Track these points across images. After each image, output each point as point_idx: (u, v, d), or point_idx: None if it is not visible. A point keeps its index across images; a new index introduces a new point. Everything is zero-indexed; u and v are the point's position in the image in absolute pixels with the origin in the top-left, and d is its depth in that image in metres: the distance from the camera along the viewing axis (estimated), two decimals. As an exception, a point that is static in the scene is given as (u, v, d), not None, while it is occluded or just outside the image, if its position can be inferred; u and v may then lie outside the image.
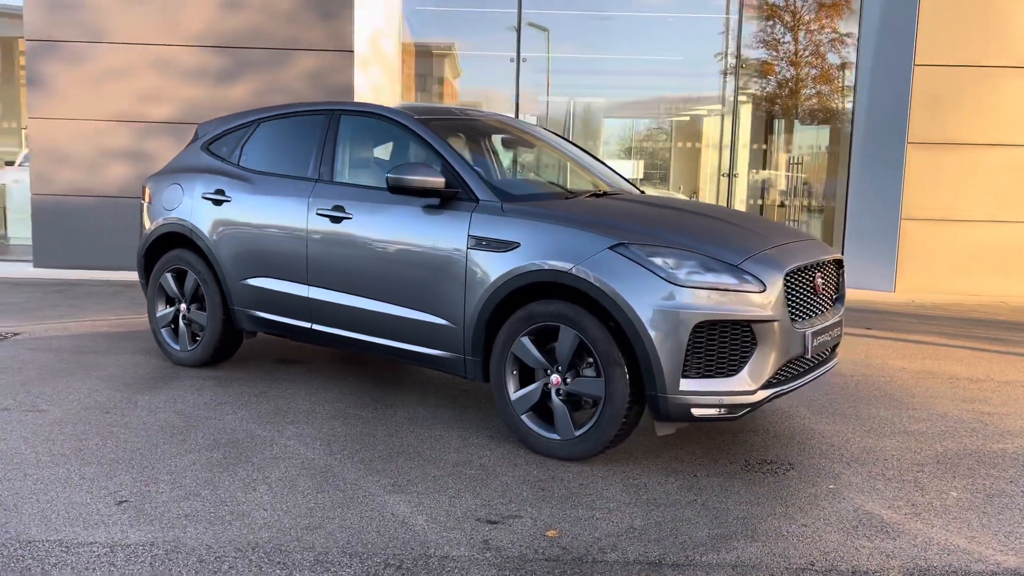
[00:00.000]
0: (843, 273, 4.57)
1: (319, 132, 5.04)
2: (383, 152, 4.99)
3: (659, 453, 4.14)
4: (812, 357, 4.05)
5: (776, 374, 3.84)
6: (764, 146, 13.30)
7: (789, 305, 3.87)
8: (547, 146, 5.53)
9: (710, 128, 13.40)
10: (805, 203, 13.06)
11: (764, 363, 3.77)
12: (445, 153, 4.48)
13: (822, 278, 4.20)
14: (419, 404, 4.83)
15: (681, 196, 11.91)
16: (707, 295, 3.71)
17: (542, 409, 4.07)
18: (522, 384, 4.12)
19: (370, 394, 5.02)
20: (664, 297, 3.70)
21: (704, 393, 3.73)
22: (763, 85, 13.53)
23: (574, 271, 3.86)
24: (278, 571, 2.89)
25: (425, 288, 4.38)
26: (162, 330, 5.66)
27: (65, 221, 9.92)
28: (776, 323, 3.78)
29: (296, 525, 3.23)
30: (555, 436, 4.00)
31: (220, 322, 5.32)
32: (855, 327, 7.51)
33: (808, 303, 4.05)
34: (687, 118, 14.51)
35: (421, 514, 3.37)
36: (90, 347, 6.07)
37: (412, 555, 3.02)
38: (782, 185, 13.31)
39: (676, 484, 3.76)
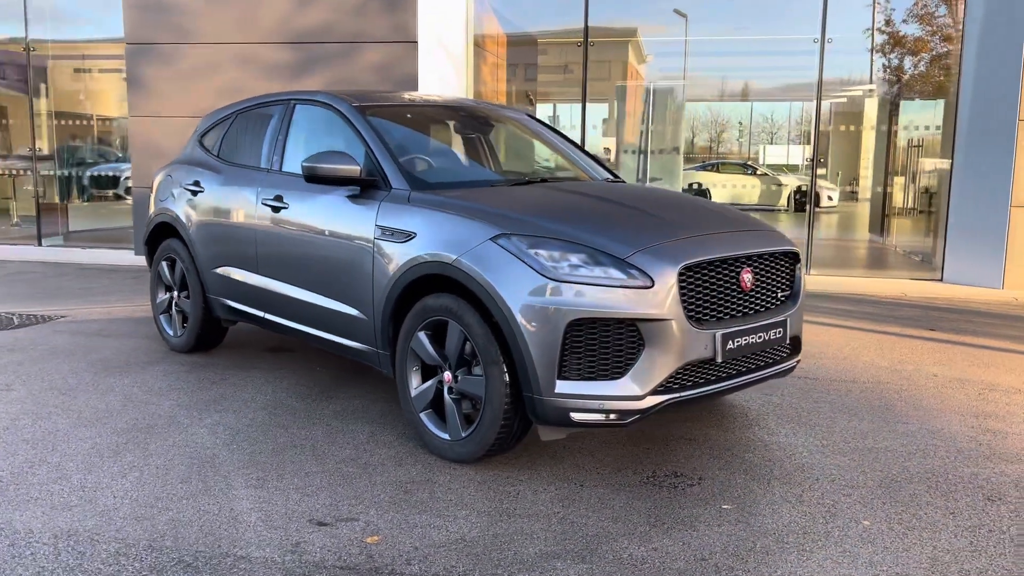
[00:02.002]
0: (798, 267, 4.07)
1: (276, 122, 5.06)
2: (328, 140, 4.92)
3: (564, 459, 3.85)
4: (728, 362, 3.63)
5: (671, 379, 3.46)
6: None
7: (689, 303, 3.48)
8: (517, 134, 5.28)
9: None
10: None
11: (653, 367, 3.41)
12: (369, 140, 4.36)
13: (754, 274, 3.74)
14: (361, 398, 4.75)
15: (658, 185, 11.08)
16: (586, 290, 3.39)
17: (440, 408, 3.88)
18: (424, 381, 3.95)
19: (322, 385, 4.99)
20: (538, 292, 3.42)
21: (584, 397, 3.42)
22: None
23: (455, 263, 3.65)
24: (72, 560, 2.89)
25: (342, 278, 4.30)
26: (160, 316, 5.89)
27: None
28: (668, 323, 3.41)
29: (129, 515, 3.24)
30: (446, 436, 3.81)
31: (201, 310, 5.46)
32: (915, 327, 6.75)
33: (722, 301, 3.62)
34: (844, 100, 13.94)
35: (258, 512, 3.29)
36: (112, 331, 6.40)
37: (212, 554, 2.95)
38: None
39: (552, 495, 3.47)
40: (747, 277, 3.71)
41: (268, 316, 4.92)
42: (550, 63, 14.31)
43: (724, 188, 21.19)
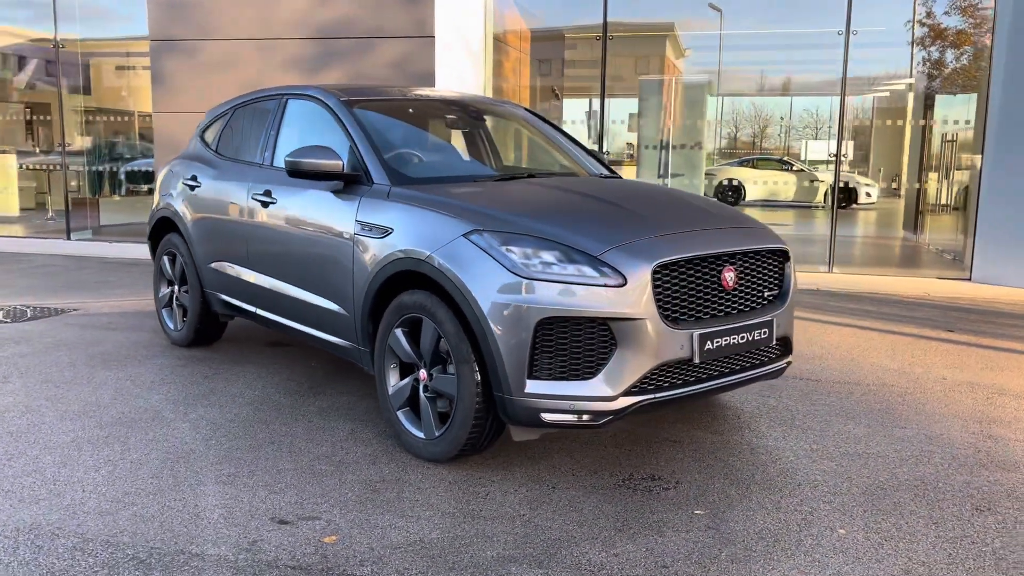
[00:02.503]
0: (788, 266, 3.94)
1: (269, 117, 5.04)
2: (318, 135, 4.88)
3: (541, 460, 3.78)
4: (707, 363, 3.52)
5: (646, 380, 3.37)
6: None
7: (664, 302, 3.38)
8: (511, 129, 5.21)
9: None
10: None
11: (626, 367, 3.32)
12: (353, 134, 4.32)
13: (737, 272, 3.63)
14: (348, 394, 4.72)
15: (680, 182, 10.85)
16: (557, 289, 3.31)
17: (417, 406, 3.83)
18: (402, 379, 3.90)
19: (313, 381, 4.97)
20: (508, 289, 3.35)
21: (555, 397, 3.34)
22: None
23: (428, 259, 3.59)
24: (29, 554, 2.89)
25: (325, 274, 4.27)
26: (162, 310, 5.92)
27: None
28: (642, 322, 3.31)
29: (94, 510, 3.24)
30: (421, 435, 3.75)
31: (199, 304, 5.47)
32: (933, 328, 6.54)
33: (700, 300, 3.51)
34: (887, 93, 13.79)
35: (222, 508, 3.26)
36: (120, 324, 6.46)
37: (167, 550, 2.93)
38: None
39: (522, 496, 3.40)
40: (729, 276, 3.59)
41: (259, 312, 4.92)
42: (578, 57, 14.22)
43: (757, 185, 20.88)
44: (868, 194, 19.78)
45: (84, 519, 3.16)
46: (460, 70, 9.98)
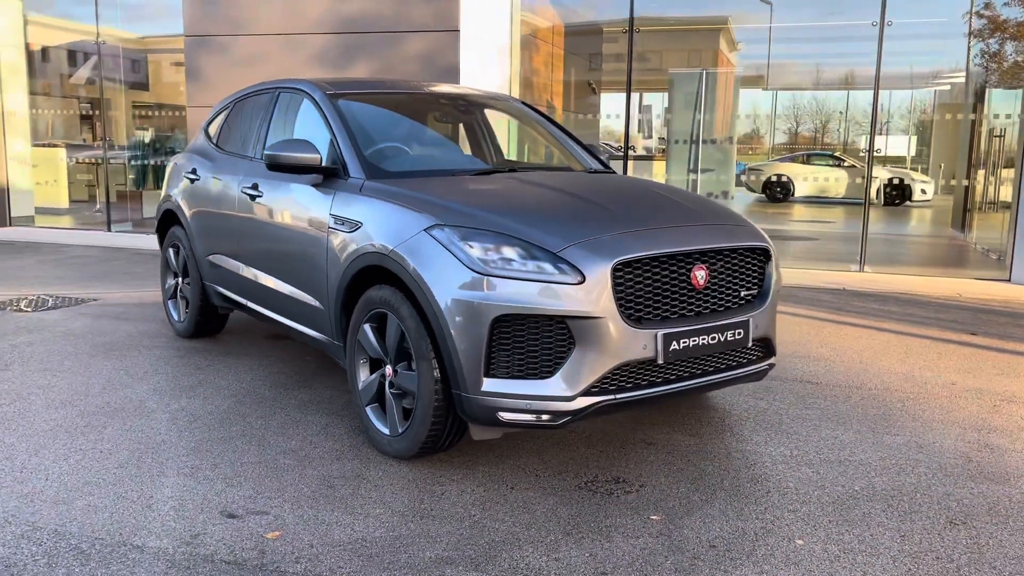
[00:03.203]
0: (769, 265, 3.80)
1: (262, 111, 5.06)
2: (304, 128, 4.87)
3: (507, 459, 3.71)
4: (673, 364, 3.41)
5: (607, 380, 3.28)
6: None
7: (625, 300, 3.29)
8: (503, 122, 5.13)
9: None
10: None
11: (584, 367, 3.24)
12: (334, 127, 4.30)
13: (709, 271, 3.51)
14: (334, 388, 4.70)
15: (710, 177, 10.55)
16: (514, 285, 3.24)
17: (384, 402, 3.79)
18: (371, 374, 3.87)
19: (303, 374, 4.98)
20: (465, 285, 3.29)
21: (512, 396, 3.27)
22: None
23: (391, 253, 3.55)
24: (-24, 541, 2.94)
25: (304, 267, 4.27)
26: (168, 302, 6.00)
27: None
28: (601, 321, 3.23)
29: (51, 498, 3.27)
30: (386, 431, 3.72)
31: (199, 297, 5.53)
32: (955, 331, 6.28)
33: (666, 299, 3.40)
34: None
35: (176, 501, 3.27)
36: (133, 315, 6.56)
37: (109, 542, 2.94)
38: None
39: (478, 496, 3.34)
40: (699, 274, 3.48)
41: (250, 305, 4.94)
42: (620, 51, 14.07)
43: (807, 181, 20.38)
44: (923, 191, 19.19)
45: (39, 507, 3.19)
46: (485, 64, 9.92)
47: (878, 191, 19.52)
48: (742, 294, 3.68)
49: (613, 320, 3.24)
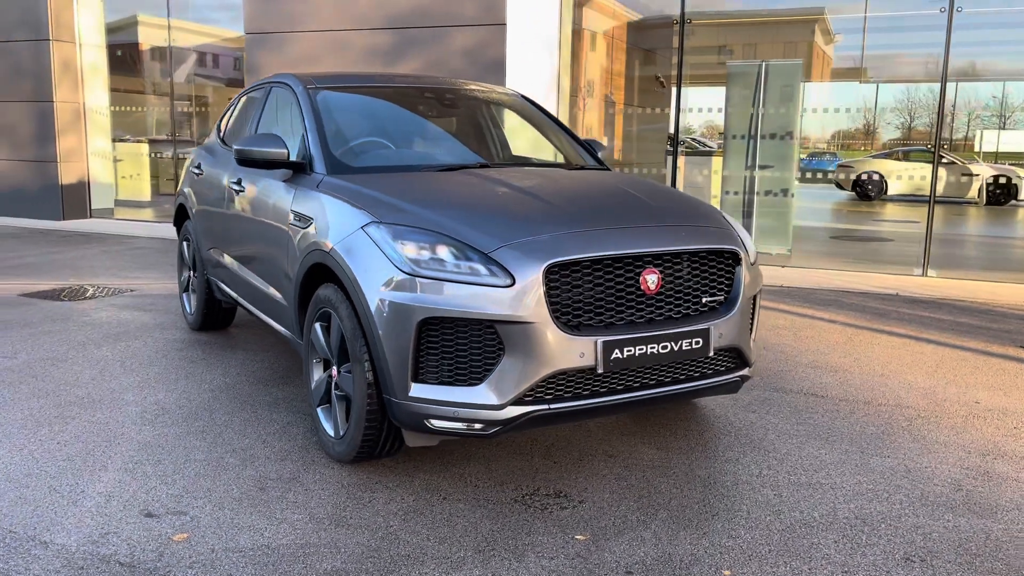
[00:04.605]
0: (738, 270, 3.52)
1: (256, 106, 5.04)
2: (286, 122, 4.80)
3: (451, 467, 3.57)
4: (616, 373, 3.19)
5: (539, 389, 3.10)
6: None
7: (560, 305, 3.09)
8: (495, 116, 4.96)
9: None
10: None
11: (513, 374, 3.06)
12: (306, 121, 4.23)
13: (663, 275, 3.27)
14: (313, 385, 4.65)
15: (770, 174, 9.92)
16: (442, 287, 3.09)
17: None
18: (323, 374, 3.79)
19: (288, 371, 4.93)
20: (392, 286, 3.16)
21: (440, 403, 3.13)
22: None
23: (331, 251, 3.46)
24: (-102, 529, 2.98)
25: (271, 263, 4.23)
26: (183, 294, 6.08)
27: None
28: (531, 326, 3.04)
29: (-12, 489, 3.31)
30: (332, 434, 3.63)
31: (204, 290, 5.57)
32: (1005, 344, 5.77)
33: (609, 304, 3.18)
34: None
35: (103, 497, 3.26)
36: (157, 306, 6.69)
37: (21, 536, 2.94)
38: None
39: (405, 506, 3.21)
40: (650, 278, 3.25)
41: (239, 298, 4.94)
42: (693, 44, 13.67)
43: (901, 179, 19.37)
44: None
45: (-29, 499, 3.23)
46: (533, 58, 9.74)
47: (980, 189, 18.39)
48: (704, 300, 3.42)
49: (546, 326, 3.06)
